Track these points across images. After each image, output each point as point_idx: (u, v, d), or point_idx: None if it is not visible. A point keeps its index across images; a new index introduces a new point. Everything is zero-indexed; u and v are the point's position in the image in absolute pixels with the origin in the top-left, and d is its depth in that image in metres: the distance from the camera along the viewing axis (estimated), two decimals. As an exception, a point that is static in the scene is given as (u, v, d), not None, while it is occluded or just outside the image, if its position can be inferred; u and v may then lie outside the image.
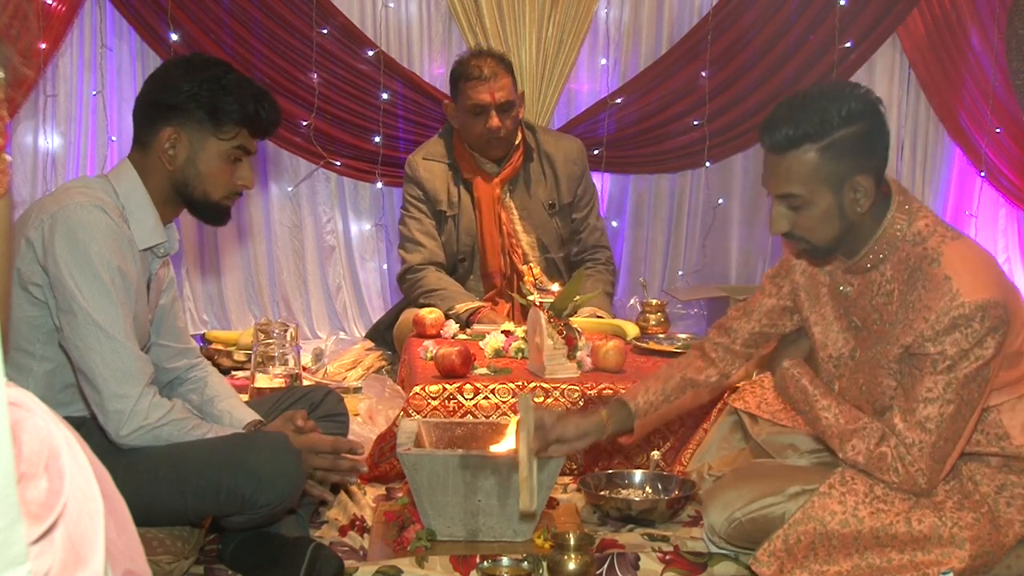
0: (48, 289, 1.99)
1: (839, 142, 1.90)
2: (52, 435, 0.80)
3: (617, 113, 4.42)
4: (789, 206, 1.96)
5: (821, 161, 1.90)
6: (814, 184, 1.92)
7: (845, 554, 1.97)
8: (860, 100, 1.91)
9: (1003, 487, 2.01)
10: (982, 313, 1.86)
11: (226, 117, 2.09)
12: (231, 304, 4.52)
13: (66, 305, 1.96)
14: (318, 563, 2.04)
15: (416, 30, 4.41)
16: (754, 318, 2.26)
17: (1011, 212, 4.72)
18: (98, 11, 4.24)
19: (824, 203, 1.93)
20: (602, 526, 2.41)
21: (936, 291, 1.89)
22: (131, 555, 0.88)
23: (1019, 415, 2.02)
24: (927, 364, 1.91)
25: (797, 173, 1.92)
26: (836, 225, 1.96)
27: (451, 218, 3.61)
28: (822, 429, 2.06)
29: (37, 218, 1.99)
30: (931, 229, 1.97)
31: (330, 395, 2.44)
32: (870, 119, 1.92)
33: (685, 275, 4.69)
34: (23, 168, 4.27)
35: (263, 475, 1.96)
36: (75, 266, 1.95)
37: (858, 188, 1.93)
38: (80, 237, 1.96)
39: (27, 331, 2.03)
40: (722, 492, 2.13)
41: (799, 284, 2.19)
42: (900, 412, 1.95)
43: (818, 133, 1.89)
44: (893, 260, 1.99)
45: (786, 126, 1.90)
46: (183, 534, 2.06)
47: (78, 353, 1.97)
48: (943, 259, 1.92)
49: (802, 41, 4.43)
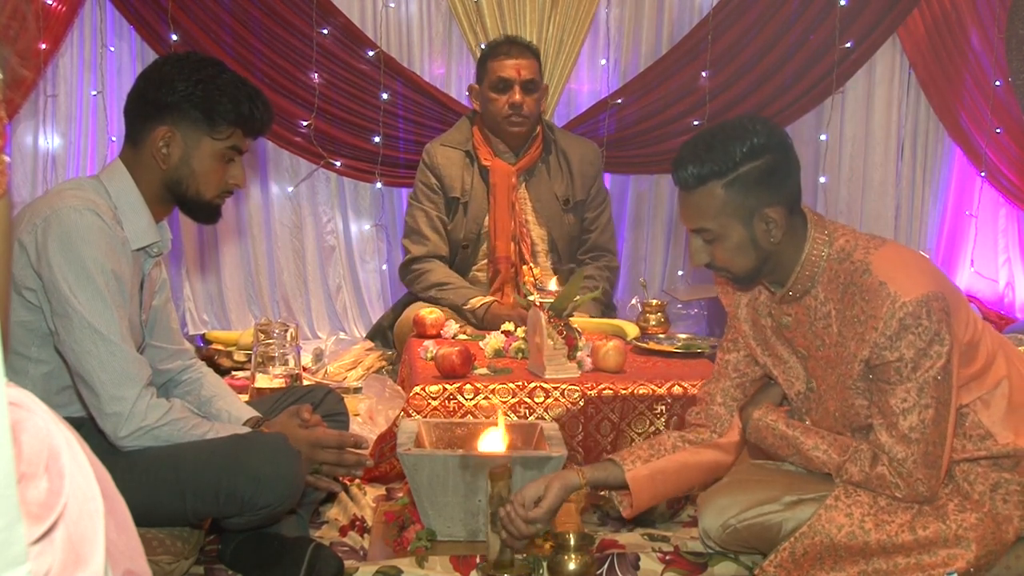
0: (42, 293, 1.99)
1: (744, 177, 1.94)
2: (52, 435, 0.80)
3: (617, 113, 4.42)
4: (704, 240, 2.01)
5: (728, 196, 1.95)
6: (723, 218, 1.97)
7: (851, 562, 1.98)
8: (763, 135, 1.94)
9: (997, 485, 2.02)
10: (926, 308, 1.88)
11: (221, 117, 2.09)
12: (231, 304, 4.52)
13: (61, 309, 1.96)
14: (318, 563, 2.04)
15: (416, 30, 4.41)
16: (723, 376, 2.26)
17: (1011, 212, 4.72)
18: (98, 11, 4.24)
19: (736, 235, 1.98)
20: (602, 526, 2.41)
21: (875, 299, 1.92)
22: (131, 555, 0.88)
23: (995, 411, 2.03)
24: (892, 374, 1.92)
25: (706, 208, 1.97)
26: (752, 255, 2.00)
27: (462, 204, 3.62)
28: (817, 467, 2.08)
29: (30, 222, 1.99)
30: (853, 244, 2.00)
31: (330, 395, 2.44)
32: (775, 152, 1.95)
33: (685, 275, 4.69)
34: (23, 168, 4.28)
35: (262, 477, 1.96)
36: (69, 270, 1.95)
37: (768, 220, 1.96)
38: (74, 241, 1.96)
39: (22, 335, 2.03)
40: (717, 498, 2.13)
41: (747, 333, 2.21)
42: (884, 429, 1.96)
43: (722, 170, 1.94)
44: (823, 282, 2.02)
45: (692, 164, 1.96)
46: (183, 534, 2.06)
47: (74, 357, 1.97)
48: (872, 267, 1.94)
49: (802, 41, 4.44)
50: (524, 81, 3.52)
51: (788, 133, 2.02)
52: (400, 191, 4.52)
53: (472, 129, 3.68)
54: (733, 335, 2.25)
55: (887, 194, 4.66)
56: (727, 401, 2.26)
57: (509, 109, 3.52)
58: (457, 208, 3.63)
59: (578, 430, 2.69)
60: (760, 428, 2.14)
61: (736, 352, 2.25)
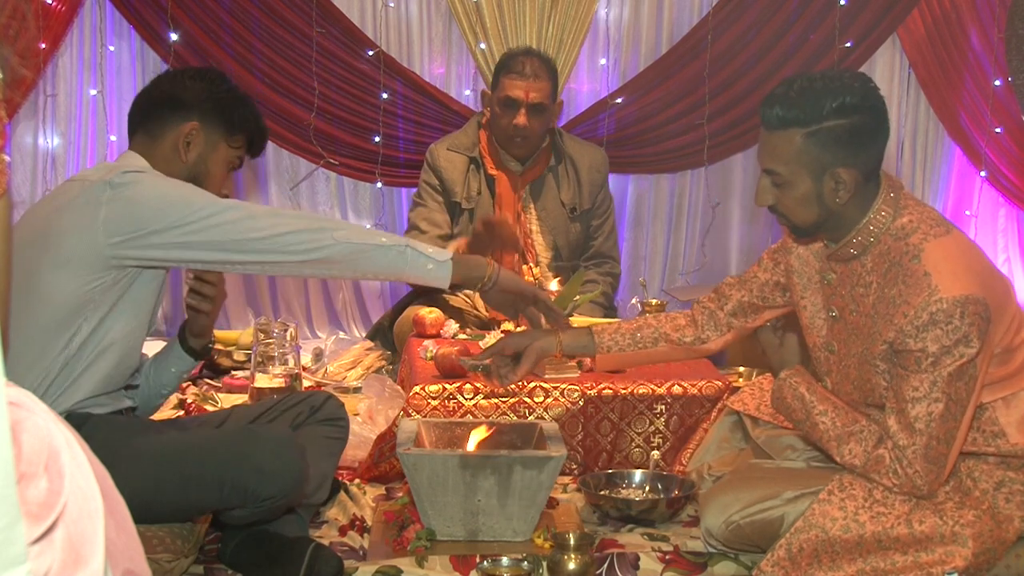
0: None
1: (826, 132, 1.93)
2: (52, 435, 0.80)
3: (617, 113, 4.42)
4: (773, 182, 2.01)
5: (805, 146, 1.95)
6: (796, 166, 1.97)
7: (848, 559, 1.97)
8: (859, 95, 1.93)
9: (1001, 483, 2.01)
10: (961, 309, 1.86)
11: (238, 126, 2.20)
12: (231, 304, 4.52)
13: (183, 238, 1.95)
14: (318, 563, 2.04)
15: (416, 30, 4.42)
16: (747, 287, 2.30)
17: (1011, 212, 4.72)
18: (98, 11, 4.24)
19: (804, 187, 1.98)
20: (602, 526, 2.41)
21: (915, 287, 1.91)
22: (131, 554, 0.88)
23: (1014, 412, 2.02)
24: (911, 362, 1.92)
25: (781, 152, 1.97)
26: (815, 210, 2.00)
27: (467, 211, 3.61)
28: (819, 435, 2.07)
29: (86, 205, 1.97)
30: (915, 225, 1.98)
31: (330, 400, 2.44)
32: (865, 115, 1.94)
33: (685, 275, 4.69)
34: (23, 168, 4.28)
35: (266, 468, 1.96)
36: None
37: (839, 179, 1.96)
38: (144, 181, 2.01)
39: None
40: (719, 495, 2.13)
41: (793, 267, 2.21)
42: (894, 413, 1.95)
43: (807, 119, 1.93)
44: (874, 252, 2.01)
45: (779, 106, 1.95)
46: (183, 532, 2.06)
47: (256, 237, 1.96)
48: (924, 255, 1.93)
49: (802, 41, 4.44)
50: (532, 104, 3.47)
51: (884, 99, 2.00)
52: (400, 191, 4.52)
53: (479, 133, 3.66)
54: (779, 257, 2.26)
55: (887, 194, 4.66)
56: (731, 316, 2.30)
57: (512, 129, 3.50)
58: (461, 214, 3.62)
59: (578, 430, 2.69)
60: (784, 388, 2.14)
61: (770, 273, 2.27)
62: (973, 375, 1.91)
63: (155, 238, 1.95)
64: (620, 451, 2.72)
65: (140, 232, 1.95)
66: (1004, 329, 1.96)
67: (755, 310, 2.29)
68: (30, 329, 1.98)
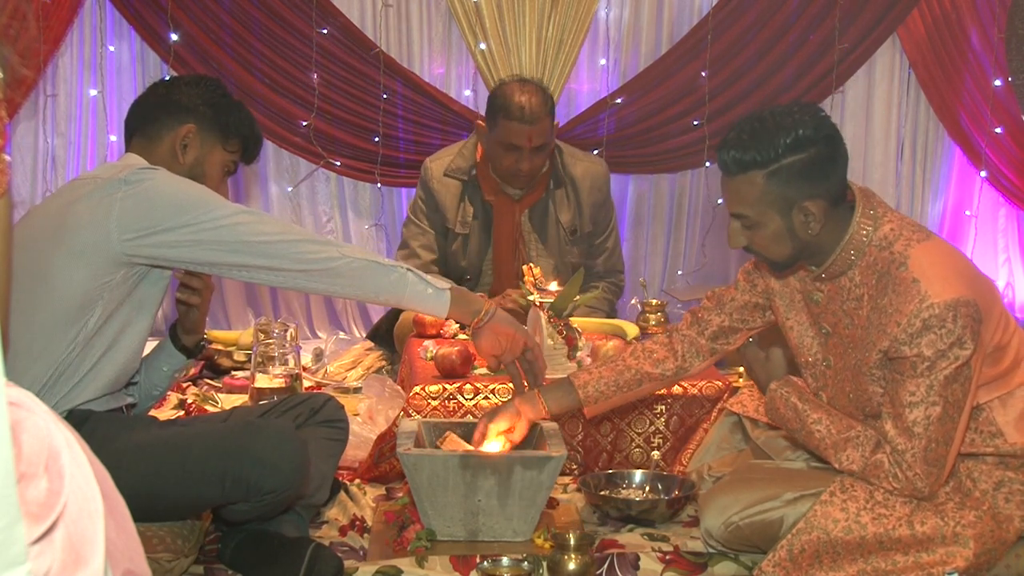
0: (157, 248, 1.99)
1: (786, 169, 1.93)
2: (52, 435, 0.80)
3: (617, 113, 4.42)
4: (743, 224, 2.02)
5: (768, 186, 1.95)
6: (762, 207, 1.97)
7: (850, 560, 1.97)
8: (811, 127, 1.93)
9: (1001, 483, 2.02)
10: (953, 312, 1.87)
11: (234, 131, 2.22)
12: (231, 304, 4.52)
13: (196, 236, 1.97)
14: (318, 563, 2.04)
15: (416, 30, 4.41)
16: (725, 312, 2.30)
17: (1011, 212, 4.72)
18: (98, 11, 4.24)
19: (773, 225, 1.98)
20: (602, 526, 2.41)
21: (905, 295, 1.91)
22: (131, 555, 0.88)
23: (1011, 411, 2.03)
24: (907, 367, 1.92)
25: (745, 196, 1.98)
26: (788, 245, 2.01)
27: (461, 236, 3.52)
28: (816, 444, 2.08)
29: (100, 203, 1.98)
30: (896, 233, 1.98)
31: (330, 402, 2.44)
32: (820, 146, 1.94)
33: (685, 275, 4.69)
34: (23, 168, 4.28)
35: (268, 461, 1.97)
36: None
37: (807, 212, 1.96)
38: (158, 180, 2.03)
39: None
40: (719, 497, 2.13)
41: (774, 289, 2.22)
42: (891, 419, 1.96)
43: (764, 160, 1.94)
44: (861, 265, 2.01)
45: (735, 150, 1.96)
46: (183, 532, 2.06)
47: (264, 239, 1.99)
48: (910, 262, 1.93)
49: (802, 41, 4.44)
50: (534, 147, 3.35)
51: (836, 126, 2.00)
52: (400, 191, 4.52)
53: (476, 155, 3.51)
54: (755, 279, 2.26)
55: (887, 194, 4.65)
56: (713, 341, 2.31)
57: (515, 170, 3.38)
58: (456, 239, 3.52)
59: (578, 430, 2.69)
60: (776, 399, 2.14)
61: (749, 295, 2.27)
62: (968, 376, 1.92)
63: (167, 235, 1.96)
64: (620, 451, 2.72)
65: (153, 229, 1.96)
66: (993, 328, 1.97)
67: (735, 332, 2.32)
68: (38, 321, 1.98)
